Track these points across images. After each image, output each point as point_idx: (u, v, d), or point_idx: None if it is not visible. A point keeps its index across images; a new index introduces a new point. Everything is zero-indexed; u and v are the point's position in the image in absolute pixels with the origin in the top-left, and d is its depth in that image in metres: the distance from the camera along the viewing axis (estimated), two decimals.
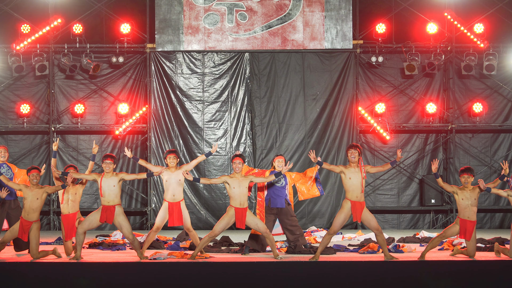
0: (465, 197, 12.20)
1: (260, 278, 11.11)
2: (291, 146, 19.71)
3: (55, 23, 19.54)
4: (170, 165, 12.83)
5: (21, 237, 12.28)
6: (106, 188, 12.18)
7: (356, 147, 12.11)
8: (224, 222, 12.25)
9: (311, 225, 19.09)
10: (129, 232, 12.22)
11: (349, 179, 12.03)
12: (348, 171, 12.06)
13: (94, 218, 12.17)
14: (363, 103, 20.00)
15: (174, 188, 12.79)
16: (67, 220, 12.83)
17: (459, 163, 20.16)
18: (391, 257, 12.00)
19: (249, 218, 12.25)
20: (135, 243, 12.32)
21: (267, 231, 12.33)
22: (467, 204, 12.17)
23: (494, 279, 11.11)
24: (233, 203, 12.26)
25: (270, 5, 19.71)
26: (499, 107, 20.39)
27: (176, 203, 12.81)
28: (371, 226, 12.07)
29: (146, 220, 19.72)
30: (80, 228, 12.11)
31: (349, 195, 12.06)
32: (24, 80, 20.03)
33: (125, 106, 19.62)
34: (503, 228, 19.85)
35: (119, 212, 12.21)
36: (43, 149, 20.03)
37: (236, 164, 12.35)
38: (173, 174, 12.81)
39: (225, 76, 19.79)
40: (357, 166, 12.05)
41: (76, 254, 12.13)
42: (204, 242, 12.31)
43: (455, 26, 19.86)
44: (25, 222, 12.24)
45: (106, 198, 12.19)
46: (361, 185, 12.02)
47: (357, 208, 12.02)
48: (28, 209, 12.23)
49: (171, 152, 12.92)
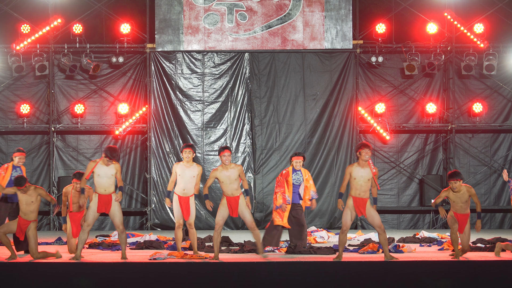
0: (456, 198, 12.27)
1: (260, 278, 11.11)
2: (291, 146, 19.71)
3: (55, 23, 19.54)
4: (185, 159, 12.81)
5: (18, 235, 12.28)
6: (103, 176, 12.19)
7: (369, 146, 12.17)
8: (222, 211, 12.37)
9: (311, 225, 19.08)
10: (121, 222, 12.24)
11: (354, 179, 12.09)
12: (355, 170, 12.14)
13: (92, 210, 12.16)
14: (363, 103, 20.00)
15: (186, 182, 12.78)
16: (74, 217, 13.01)
17: (459, 163, 20.17)
18: (391, 257, 12.01)
19: (241, 208, 12.35)
20: (123, 235, 12.31)
21: (253, 226, 12.41)
22: (458, 202, 12.29)
23: (494, 279, 11.11)
24: (225, 193, 12.37)
25: (270, 5, 19.71)
26: (499, 107, 20.39)
27: (185, 198, 12.80)
28: (375, 224, 12.10)
29: (146, 220, 19.72)
30: (86, 225, 12.11)
31: (353, 192, 12.15)
32: (24, 80, 20.03)
33: (125, 106, 19.62)
34: (503, 228, 19.86)
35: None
36: (43, 149, 20.03)
37: (226, 157, 12.40)
38: (188, 169, 12.80)
39: (225, 76, 19.79)
40: (366, 165, 12.12)
41: (76, 254, 12.12)
42: (216, 238, 12.35)
43: (455, 26, 19.86)
44: (23, 221, 12.24)
45: (102, 186, 12.19)
46: (367, 184, 12.11)
47: (359, 204, 12.07)
48: (25, 210, 12.25)
49: (188, 147, 12.89)
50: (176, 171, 12.86)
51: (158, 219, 19.50)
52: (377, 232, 12.19)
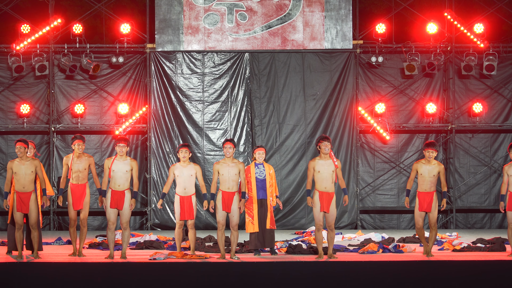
0: (425, 172, 12.49)
1: (260, 278, 11.12)
2: (291, 146, 19.71)
3: (55, 23, 19.54)
4: (182, 159, 12.84)
5: (21, 210, 12.19)
6: (117, 171, 12.24)
7: (328, 139, 12.31)
8: (220, 210, 12.40)
9: (310, 225, 19.08)
10: (127, 221, 12.29)
11: (318, 172, 12.24)
12: (318, 163, 12.29)
13: (108, 208, 12.24)
14: (363, 103, 20.00)
15: (186, 182, 12.82)
16: (75, 189, 12.73)
17: (459, 163, 20.18)
18: (334, 257, 12.35)
19: (234, 205, 12.41)
20: (126, 233, 12.35)
21: (236, 228, 12.48)
22: (425, 177, 12.49)
23: (494, 279, 11.11)
24: (222, 186, 12.43)
25: (270, 5, 19.71)
26: (499, 107, 20.39)
27: (187, 197, 12.84)
28: (327, 221, 12.37)
29: (146, 220, 19.72)
30: (111, 224, 12.20)
31: (318, 186, 12.34)
32: (24, 80, 20.03)
33: (125, 106, 19.62)
34: (503, 228, 19.84)
35: (128, 197, 12.32)
36: (43, 149, 20.03)
37: (227, 149, 12.48)
38: (185, 169, 12.84)
39: (225, 76, 19.79)
40: (328, 158, 12.24)
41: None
42: (220, 237, 12.44)
43: (455, 26, 19.86)
44: (24, 195, 12.18)
45: (116, 182, 12.24)
46: (331, 176, 12.28)
47: (325, 198, 12.30)
48: (23, 182, 12.19)
49: (184, 146, 12.93)
50: (174, 173, 12.89)
51: (158, 219, 19.50)
52: (326, 229, 12.42)
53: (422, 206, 12.51)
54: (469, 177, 20.21)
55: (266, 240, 13.09)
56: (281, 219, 19.39)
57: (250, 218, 13.02)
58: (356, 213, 19.65)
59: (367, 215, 20.13)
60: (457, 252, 13.68)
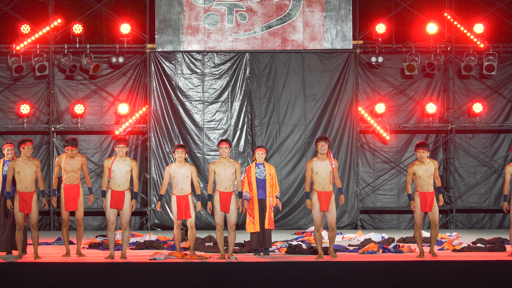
0: (422, 172, 12.51)
1: (260, 278, 11.12)
2: (291, 147, 19.71)
3: (55, 23, 19.54)
4: (177, 159, 12.85)
5: (23, 210, 12.23)
6: (117, 171, 12.26)
7: (326, 139, 12.36)
8: (218, 210, 12.44)
9: (311, 225, 19.08)
10: (127, 221, 12.32)
11: (316, 173, 12.31)
12: (315, 164, 12.36)
13: (108, 209, 12.27)
14: (363, 103, 20.00)
15: (182, 182, 12.84)
16: (68, 190, 12.75)
17: (459, 163, 20.17)
18: (335, 255, 12.45)
19: (232, 205, 12.44)
20: (126, 233, 12.37)
21: (234, 228, 12.52)
22: (424, 178, 12.51)
23: (494, 279, 11.11)
24: (218, 187, 12.44)
25: (270, 5, 19.71)
26: (499, 107, 20.38)
27: (184, 196, 12.85)
28: (328, 220, 12.45)
29: (146, 220, 19.72)
30: (110, 224, 12.22)
31: (316, 186, 12.45)
32: (24, 80, 20.02)
33: (125, 106, 19.62)
34: (503, 228, 19.85)
35: (128, 197, 12.35)
36: (43, 149, 20.03)
37: (223, 149, 12.52)
38: (181, 170, 12.85)
39: (225, 76, 19.79)
40: (325, 158, 12.30)
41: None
42: (219, 237, 12.47)
43: (455, 26, 19.86)
44: (26, 195, 12.25)
45: (116, 182, 12.26)
46: (329, 176, 12.36)
47: (323, 198, 12.36)
48: (26, 182, 12.27)
49: (180, 147, 12.94)
50: (169, 173, 12.91)
51: (158, 219, 19.50)
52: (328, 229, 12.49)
53: (424, 207, 12.51)
54: (469, 177, 20.21)
55: (266, 240, 13.10)
56: (281, 219, 19.39)
57: (251, 218, 13.03)
58: (356, 213, 19.65)
59: (367, 215, 20.13)
60: (457, 252, 13.69)
